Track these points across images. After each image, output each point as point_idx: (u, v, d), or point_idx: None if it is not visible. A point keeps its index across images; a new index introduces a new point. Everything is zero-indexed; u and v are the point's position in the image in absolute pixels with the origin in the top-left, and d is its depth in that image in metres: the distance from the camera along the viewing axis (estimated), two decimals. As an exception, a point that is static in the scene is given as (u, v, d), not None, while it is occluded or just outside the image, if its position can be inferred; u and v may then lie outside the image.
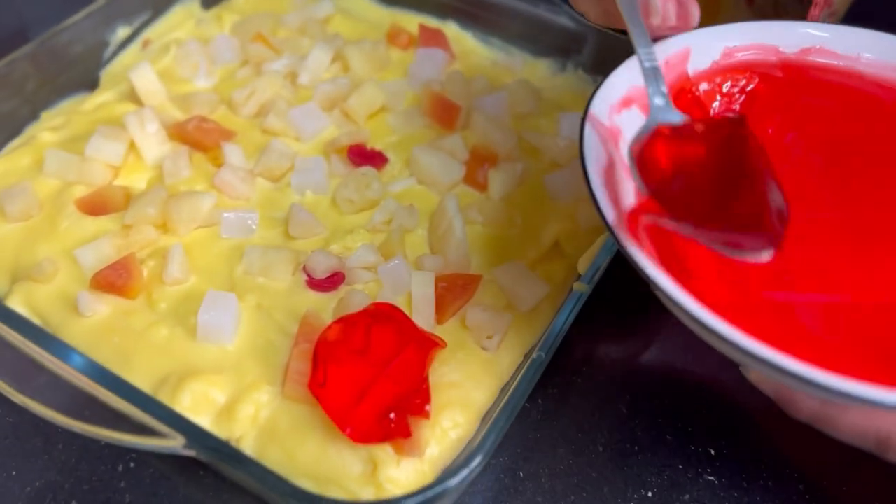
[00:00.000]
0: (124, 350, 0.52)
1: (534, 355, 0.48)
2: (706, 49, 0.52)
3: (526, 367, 0.48)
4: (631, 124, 0.48)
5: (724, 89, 0.52)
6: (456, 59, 0.76)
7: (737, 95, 0.52)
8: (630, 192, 0.46)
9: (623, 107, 0.48)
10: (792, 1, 0.62)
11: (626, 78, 0.49)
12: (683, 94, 0.51)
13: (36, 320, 0.54)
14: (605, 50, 0.72)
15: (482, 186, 0.63)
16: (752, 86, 0.52)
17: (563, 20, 0.74)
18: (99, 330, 0.53)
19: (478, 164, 0.64)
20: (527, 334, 0.55)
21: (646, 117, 0.48)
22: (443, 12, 0.80)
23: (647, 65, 0.47)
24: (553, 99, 0.72)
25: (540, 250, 0.59)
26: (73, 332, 0.53)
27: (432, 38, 0.75)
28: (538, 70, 0.76)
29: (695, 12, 0.49)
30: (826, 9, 0.63)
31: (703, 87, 0.52)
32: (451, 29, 0.79)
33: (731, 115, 0.50)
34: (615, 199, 0.43)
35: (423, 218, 0.61)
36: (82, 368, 0.46)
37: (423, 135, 0.68)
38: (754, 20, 0.52)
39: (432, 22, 0.79)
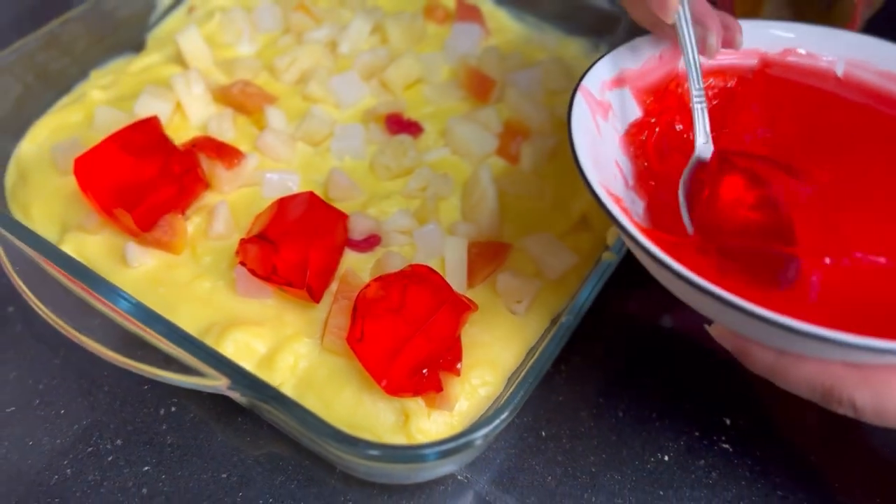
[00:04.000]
0: (169, 300, 0.54)
1: (562, 319, 0.50)
2: None
3: (554, 330, 0.50)
4: (620, 101, 0.52)
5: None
6: (491, 34, 0.77)
7: (717, 92, 0.55)
8: (614, 163, 0.50)
9: (615, 85, 0.52)
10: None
11: (622, 59, 0.53)
12: (668, 93, 0.54)
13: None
14: (639, 31, 0.73)
15: (514, 159, 0.65)
16: (730, 84, 0.56)
17: (598, 1, 0.75)
18: (145, 280, 0.56)
19: (511, 137, 0.66)
20: (554, 301, 0.57)
21: (636, 100, 0.53)
22: (479, -12, 0.81)
23: (697, 104, 0.50)
24: (585, 77, 0.74)
25: (568, 222, 0.61)
26: (121, 282, 0.55)
27: (468, 14, 0.76)
28: (571, 48, 0.77)
29: (739, 39, 0.52)
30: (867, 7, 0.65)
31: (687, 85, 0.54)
32: (487, 5, 0.81)
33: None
34: (596, 162, 0.47)
35: (455, 187, 0.63)
36: (136, 313, 0.48)
37: (457, 107, 0.69)
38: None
39: (469, -3, 0.81)
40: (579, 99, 0.49)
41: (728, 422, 0.57)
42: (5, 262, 0.54)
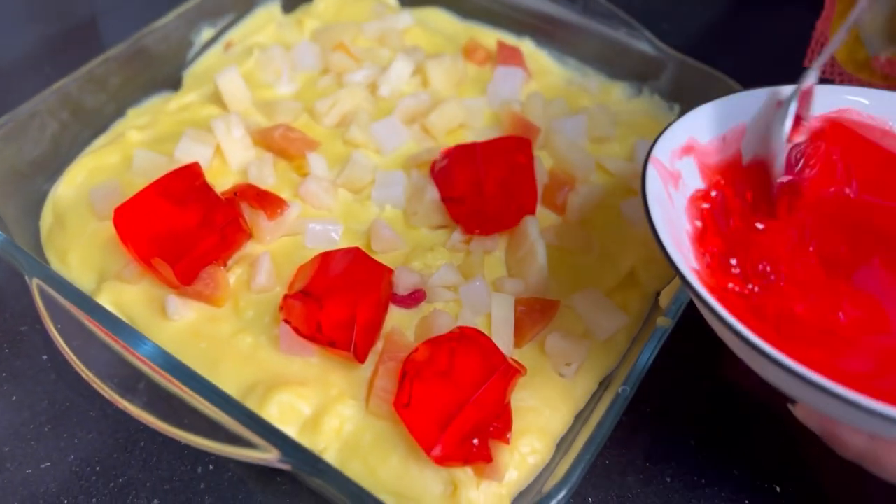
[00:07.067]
0: (211, 356, 0.53)
1: (619, 389, 0.49)
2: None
3: (611, 401, 0.49)
4: (688, 170, 0.50)
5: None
6: (532, 77, 0.76)
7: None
8: (684, 233, 0.48)
9: (683, 153, 0.50)
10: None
11: (686, 127, 0.51)
12: (730, 167, 0.52)
13: (123, 318, 0.55)
14: (684, 78, 0.72)
15: (560, 209, 0.64)
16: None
17: (643, 45, 0.74)
18: (186, 334, 0.54)
19: (556, 187, 0.64)
20: (602, 362, 0.56)
21: (699, 172, 0.51)
22: (519, 29, 0.80)
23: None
24: (628, 122, 0.72)
25: (616, 277, 0.60)
26: (161, 335, 0.54)
27: (510, 56, 0.75)
28: (613, 92, 0.76)
29: None
30: None
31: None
32: (527, 46, 0.79)
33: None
34: (672, 234, 0.45)
35: (500, 239, 0.61)
36: (184, 380, 0.47)
37: (500, 154, 0.68)
38: None
39: (509, 38, 0.80)
40: (652, 171, 0.47)
41: (778, 489, 0.56)
42: (43, 312, 0.53)
